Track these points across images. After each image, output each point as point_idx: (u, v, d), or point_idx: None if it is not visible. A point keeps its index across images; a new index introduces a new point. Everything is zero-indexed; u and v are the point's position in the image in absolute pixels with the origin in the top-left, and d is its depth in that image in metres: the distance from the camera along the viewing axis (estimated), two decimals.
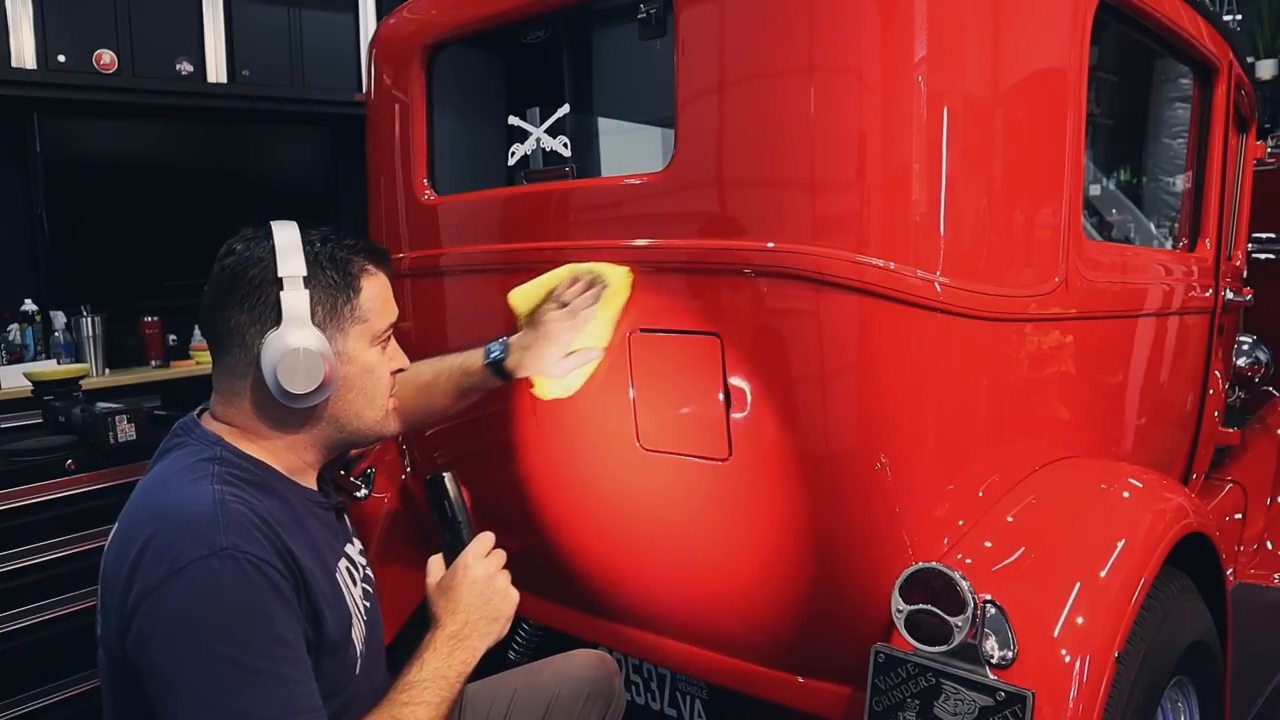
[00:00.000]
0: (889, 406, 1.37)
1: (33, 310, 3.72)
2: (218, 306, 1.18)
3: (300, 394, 1.13)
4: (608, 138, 2.11)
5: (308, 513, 1.22)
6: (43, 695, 2.38)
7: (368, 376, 1.23)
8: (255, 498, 1.11)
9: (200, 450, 1.15)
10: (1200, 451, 2.28)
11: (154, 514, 1.08)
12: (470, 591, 1.21)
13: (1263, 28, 4.54)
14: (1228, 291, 2.23)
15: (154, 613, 1.00)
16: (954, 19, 1.34)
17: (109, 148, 3.89)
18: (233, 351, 1.18)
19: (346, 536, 1.33)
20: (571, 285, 1.55)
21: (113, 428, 2.46)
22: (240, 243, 1.19)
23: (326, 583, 1.16)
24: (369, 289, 1.23)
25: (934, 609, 1.27)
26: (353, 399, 1.22)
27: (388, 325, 1.26)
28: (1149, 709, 1.42)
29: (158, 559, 1.01)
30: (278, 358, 1.12)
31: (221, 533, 1.02)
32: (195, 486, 1.08)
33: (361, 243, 1.25)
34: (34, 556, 2.35)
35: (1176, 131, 2.22)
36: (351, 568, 1.28)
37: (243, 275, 1.16)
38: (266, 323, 1.15)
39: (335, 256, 1.20)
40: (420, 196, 1.90)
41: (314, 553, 1.16)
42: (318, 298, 1.17)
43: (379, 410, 1.26)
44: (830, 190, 1.34)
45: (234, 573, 1.01)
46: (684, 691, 1.83)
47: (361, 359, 1.22)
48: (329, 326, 1.18)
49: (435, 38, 1.87)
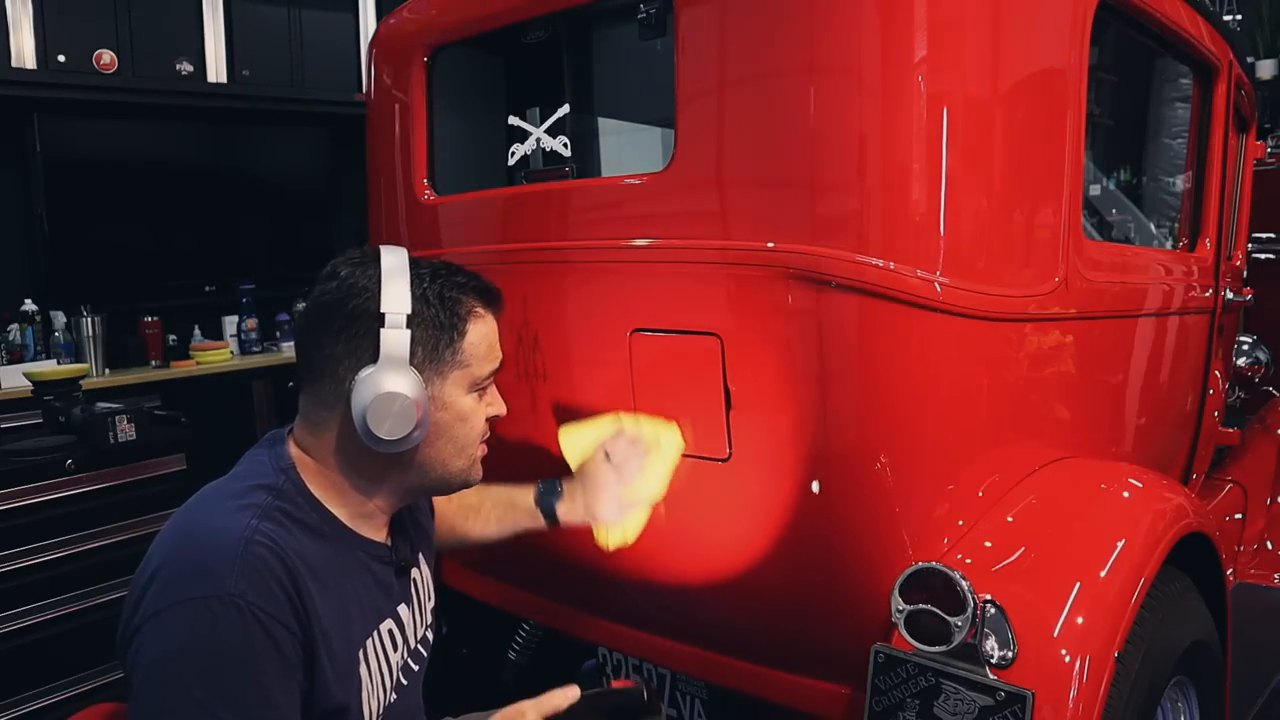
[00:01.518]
0: (889, 406, 1.37)
1: (33, 310, 3.72)
2: (313, 332, 1.12)
3: (388, 440, 1.07)
4: (608, 138, 2.12)
5: (360, 568, 1.15)
6: (43, 695, 2.38)
7: (461, 424, 1.16)
8: (298, 542, 1.05)
9: (265, 474, 1.10)
10: (1200, 451, 2.28)
11: (183, 533, 1.04)
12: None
13: (1263, 28, 4.54)
14: (1228, 291, 2.23)
15: (148, 640, 0.97)
16: (954, 19, 1.34)
17: (109, 148, 3.89)
18: (323, 381, 1.11)
19: (403, 597, 1.23)
20: (618, 440, 1.52)
21: (113, 428, 2.46)
22: (345, 266, 1.12)
23: (346, 647, 1.10)
24: (475, 332, 1.15)
25: (934, 609, 1.27)
26: (441, 447, 1.15)
27: (489, 372, 1.18)
28: (1149, 709, 1.42)
29: (165, 585, 0.98)
30: (369, 399, 1.06)
31: (234, 577, 0.97)
32: (233, 517, 1.03)
33: (474, 280, 1.17)
34: (34, 556, 2.35)
35: (1176, 131, 2.22)
36: (397, 632, 1.21)
37: (344, 304, 1.09)
38: (362, 359, 1.08)
39: (445, 295, 1.13)
40: (420, 196, 1.89)
41: (346, 613, 1.10)
42: (419, 337, 1.10)
43: (467, 460, 1.19)
44: (830, 190, 1.34)
45: (233, 622, 0.96)
46: (684, 691, 1.82)
47: (457, 405, 1.15)
48: (427, 369, 1.11)
49: (435, 38, 1.87)
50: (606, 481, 1.51)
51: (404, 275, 1.10)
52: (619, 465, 1.51)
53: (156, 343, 3.95)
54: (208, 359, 4.05)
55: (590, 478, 1.52)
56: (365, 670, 1.13)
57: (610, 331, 1.58)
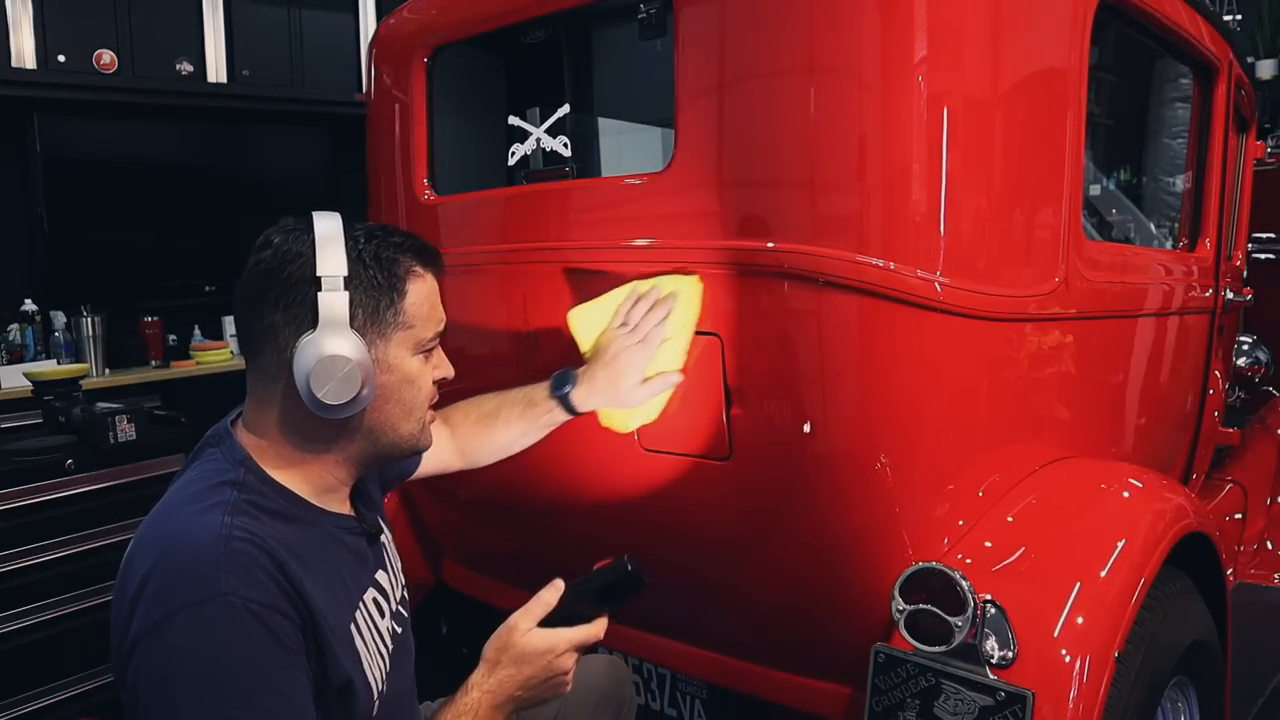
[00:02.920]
0: (889, 406, 1.37)
1: (33, 310, 3.73)
2: (251, 304, 1.09)
3: (334, 405, 1.05)
4: (608, 138, 2.11)
5: (334, 541, 1.14)
6: (43, 695, 2.38)
7: (407, 387, 1.14)
8: (273, 529, 1.04)
9: (224, 470, 1.08)
10: (1200, 451, 2.28)
11: (158, 543, 1.02)
12: (546, 671, 1.14)
13: (1263, 28, 4.54)
14: (1228, 291, 2.23)
15: (148, 657, 0.95)
16: (954, 19, 1.34)
17: (109, 148, 3.89)
18: (265, 353, 1.09)
19: (378, 563, 1.23)
20: (636, 304, 1.46)
21: (113, 428, 2.46)
22: (279, 234, 1.10)
23: (340, 623, 1.09)
24: (415, 292, 1.13)
25: (934, 609, 1.28)
26: (390, 410, 1.13)
27: (434, 333, 1.16)
28: (1149, 709, 1.42)
29: (154, 599, 0.96)
30: (311, 364, 1.03)
31: (222, 576, 0.96)
32: (204, 517, 1.01)
33: (410, 240, 1.15)
34: (33, 556, 2.35)
35: (1176, 131, 2.22)
36: (380, 599, 1.21)
37: (279, 271, 1.07)
38: (302, 325, 1.06)
39: (380, 255, 1.10)
40: (420, 196, 1.90)
41: (332, 590, 1.09)
42: (359, 300, 1.08)
43: (416, 423, 1.17)
44: (830, 190, 1.34)
45: (231, 621, 0.95)
46: (684, 691, 1.82)
47: (402, 368, 1.13)
48: (369, 331, 1.09)
49: (435, 38, 1.87)
50: (629, 356, 1.44)
51: (339, 239, 1.08)
52: (641, 332, 1.44)
53: (156, 343, 3.96)
54: (208, 359, 4.05)
55: (608, 354, 1.45)
56: (361, 642, 1.13)
57: None
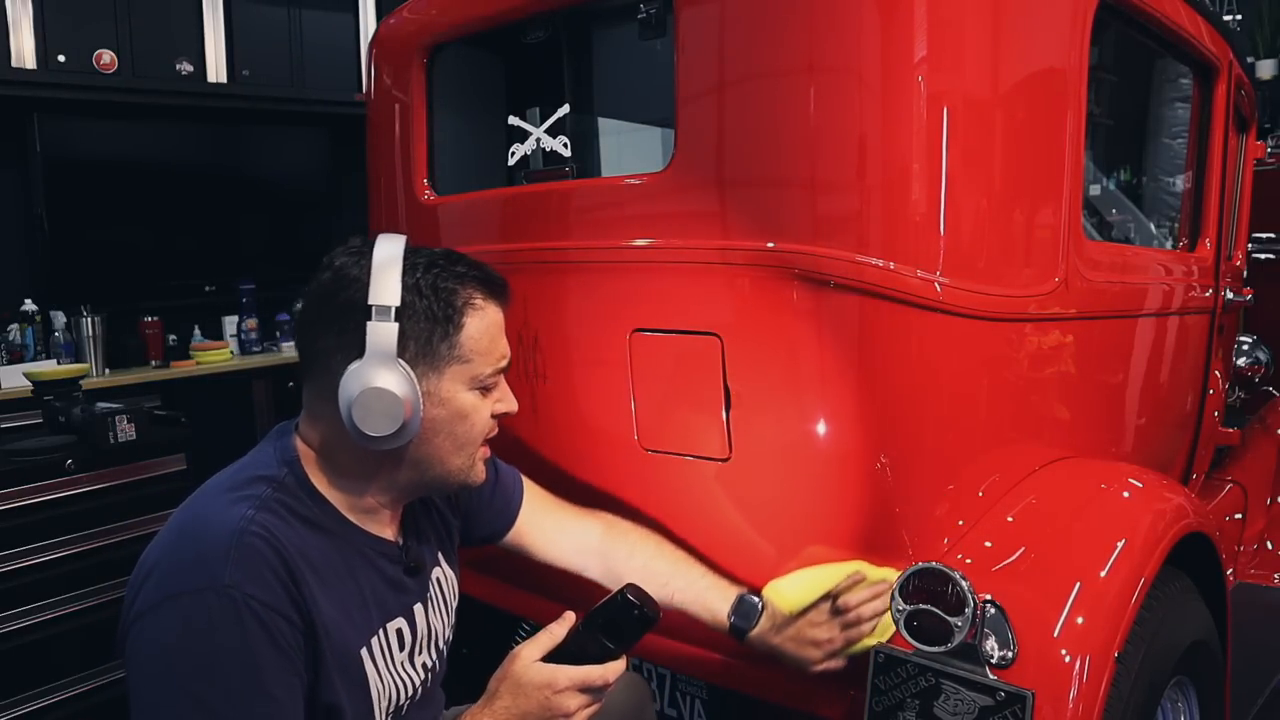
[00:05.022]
0: (889, 406, 1.37)
1: (33, 310, 3.72)
2: (308, 324, 1.10)
3: (374, 436, 1.04)
4: (608, 138, 2.11)
5: (365, 563, 1.12)
6: (43, 695, 2.38)
7: (460, 422, 1.12)
8: (297, 534, 1.03)
9: (269, 465, 1.09)
10: (1200, 451, 2.28)
11: (179, 527, 1.04)
12: (543, 708, 1.05)
13: (1263, 28, 4.54)
14: (1228, 291, 2.23)
15: (143, 635, 0.97)
16: (954, 19, 1.34)
17: (109, 148, 3.89)
18: (317, 374, 1.09)
19: (420, 596, 1.20)
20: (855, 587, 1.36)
21: (113, 428, 2.46)
22: (342, 256, 1.09)
23: (347, 641, 1.07)
24: (474, 325, 1.10)
25: (934, 609, 1.28)
26: (439, 444, 1.11)
27: (494, 369, 1.13)
28: (1149, 709, 1.41)
29: (160, 580, 0.98)
30: (354, 394, 1.03)
31: (229, 568, 0.96)
32: (230, 509, 1.02)
33: (475, 270, 1.12)
34: (33, 556, 2.35)
35: (1176, 131, 2.22)
36: (407, 630, 1.17)
37: (335, 295, 1.07)
38: (351, 352, 1.05)
39: (439, 285, 1.08)
40: (420, 196, 1.89)
41: (347, 609, 1.08)
42: (411, 330, 1.06)
43: (466, 458, 1.14)
44: (830, 190, 1.34)
45: (228, 615, 0.95)
46: (684, 691, 1.82)
47: (455, 402, 1.10)
48: (420, 363, 1.07)
49: (435, 38, 1.87)
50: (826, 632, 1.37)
51: (396, 265, 1.06)
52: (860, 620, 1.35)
53: (156, 343, 3.95)
54: (208, 359, 4.05)
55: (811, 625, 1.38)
56: (373, 669, 1.10)
57: (610, 331, 1.59)
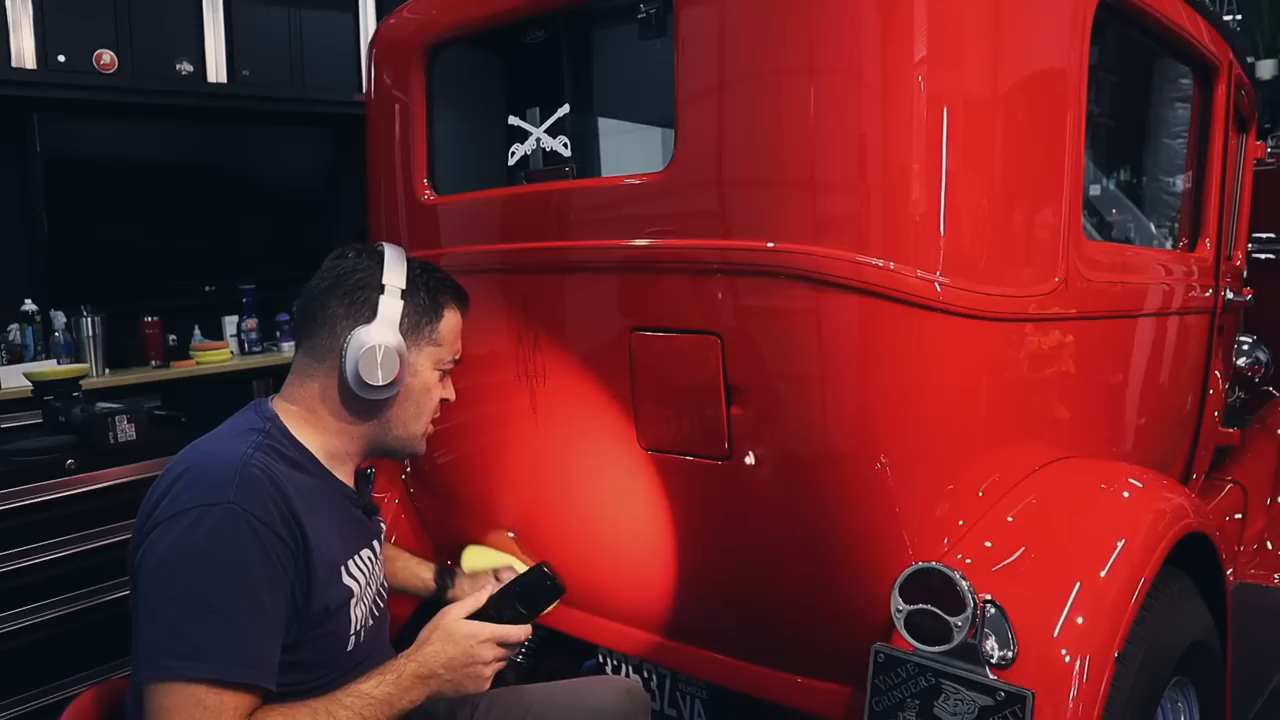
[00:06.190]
0: (889, 406, 1.37)
1: (33, 310, 3.72)
2: (319, 295, 1.32)
3: (372, 384, 1.27)
4: (608, 138, 2.11)
5: (339, 499, 1.33)
6: (43, 695, 2.38)
7: (424, 393, 1.37)
8: (286, 472, 1.22)
9: (252, 422, 1.29)
10: (1200, 451, 2.28)
11: (192, 459, 1.21)
12: (466, 655, 1.25)
13: (1263, 28, 4.54)
14: (1228, 291, 2.23)
15: (157, 539, 1.13)
16: (954, 18, 1.34)
17: (109, 148, 3.89)
18: (320, 336, 1.31)
19: (373, 536, 1.41)
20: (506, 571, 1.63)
21: (113, 428, 2.47)
22: (354, 250, 1.36)
23: (335, 558, 1.25)
24: (448, 320, 1.39)
25: (934, 609, 1.28)
26: (407, 408, 1.36)
27: (452, 359, 1.41)
28: (1149, 709, 1.42)
29: (177, 495, 1.15)
30: (363, 348, 1.27)
31: (234, 489, 1.14)
32: (232, 445, 1.22)
33: (450, 281, 1.42)
34: (33, 557, 2.35)
35: (1176, 131, 2.22)
36: (371, 560, 1.37)
37: (351, 274, 1.32)
38: (359, 318, 1.30)
39: (429, 283, 1.37)
40: (420, 196, 1.90)
41: (329, 532, 1.25)
42: (408, 311, 1.33)
43: (421, 427, 1.40)
44: (830, 190, 1.34)
45: (231, 525, 1.12)
46: (684, 691, 1.82)
47: (424, 376, 1.37)
48: (409, 338, 1.33)
49: (435, 38, 1.87)
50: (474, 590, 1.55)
51: (403, 259, 1.35)
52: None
53: (156, 343, 3.95)
54: (208, 359, 4.05)
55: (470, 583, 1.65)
56: (352, 581, 1.29)
57: (610, 331, 1.59)
